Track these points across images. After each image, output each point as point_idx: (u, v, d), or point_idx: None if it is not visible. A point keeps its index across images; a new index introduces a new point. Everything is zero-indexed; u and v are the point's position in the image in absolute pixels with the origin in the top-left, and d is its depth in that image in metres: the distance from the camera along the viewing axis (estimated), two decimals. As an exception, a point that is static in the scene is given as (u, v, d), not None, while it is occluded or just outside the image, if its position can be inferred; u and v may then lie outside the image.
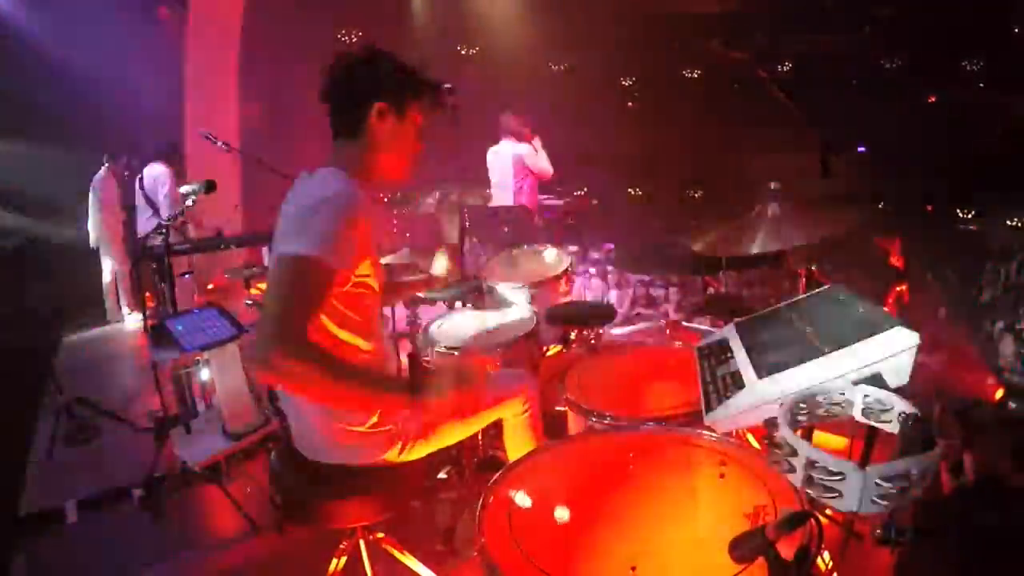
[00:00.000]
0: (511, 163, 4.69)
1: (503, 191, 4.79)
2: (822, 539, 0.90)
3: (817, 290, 1.62)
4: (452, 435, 1.70)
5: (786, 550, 0.85)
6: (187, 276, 4.06)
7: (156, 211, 4.70)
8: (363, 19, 7.11)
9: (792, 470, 1.01)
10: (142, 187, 4.81)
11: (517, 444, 1.85)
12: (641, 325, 3.62)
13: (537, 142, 4.72)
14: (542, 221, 5.13)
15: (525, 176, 4.74)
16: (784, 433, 1.04)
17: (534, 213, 5.01)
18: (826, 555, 1.39)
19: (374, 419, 1.53)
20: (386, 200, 4.09)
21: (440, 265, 2.18)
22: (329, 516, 1.57)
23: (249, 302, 3.83)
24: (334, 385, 1.27)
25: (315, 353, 1.25)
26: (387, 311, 3.62)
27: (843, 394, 1.18)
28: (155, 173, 4.78)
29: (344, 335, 1.48)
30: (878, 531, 0.97)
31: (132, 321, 5.51)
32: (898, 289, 3.64)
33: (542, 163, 4.70)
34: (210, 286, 5.56)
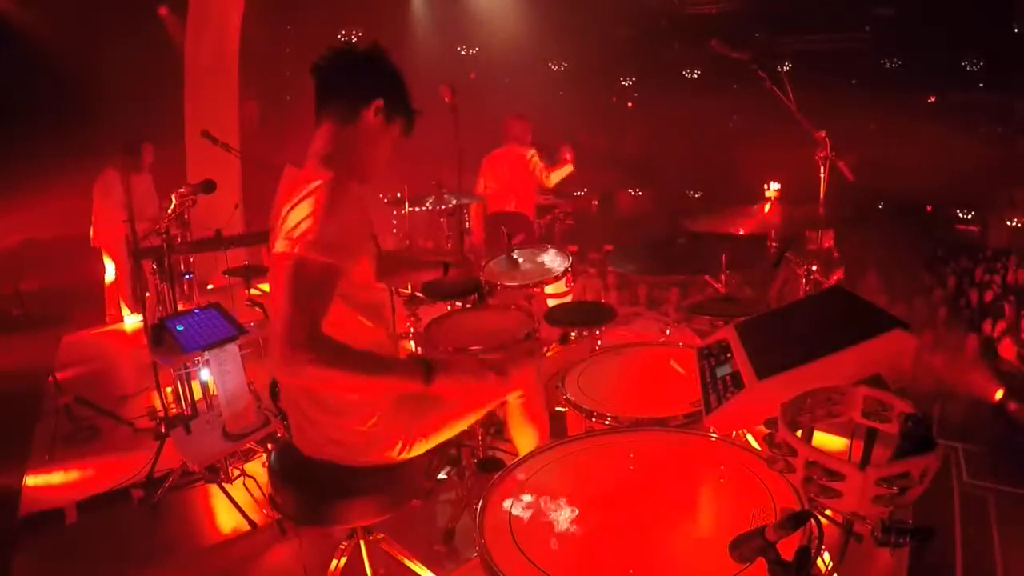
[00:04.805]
0: (511, 167, 4.68)
1: (502, 194, 4.78)
2: (822, 539, 0.90)
3: (817, 290, 1.62)
4: (452, 427, 1.70)
5: (786, 550, 0.85)
6: (187, 276, 4.05)
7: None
8: (363, 19, 7.12)
9: (792, 470, 1.01)
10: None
11: (519, 428, 1.85)
12: (641, 325, 3.64)
13: (569, 154, 4.67)
14: (542, 223, 5.12)
15: (524, 180, 4.73)
16: (784, 433, 1.04)
17: (532, 219, 5.00)
18: (826, 555, 1.39)
19: (375, 419, 1.53)
20: (385, 201, 4.09)
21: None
22: (329, 516, 1.57)
23: (249, 302, 3.83)
24: (352, 377, 1.34)
25: (331, 350, 1.29)
26: (387, 312, 3.61)
27: (843, 394, 1.18)
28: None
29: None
30: (878, 532, 0.96)
31: (132, 321, 5.50)
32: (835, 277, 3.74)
33: (552, 175, 4.64)
34: (210, 286, 5.57)
